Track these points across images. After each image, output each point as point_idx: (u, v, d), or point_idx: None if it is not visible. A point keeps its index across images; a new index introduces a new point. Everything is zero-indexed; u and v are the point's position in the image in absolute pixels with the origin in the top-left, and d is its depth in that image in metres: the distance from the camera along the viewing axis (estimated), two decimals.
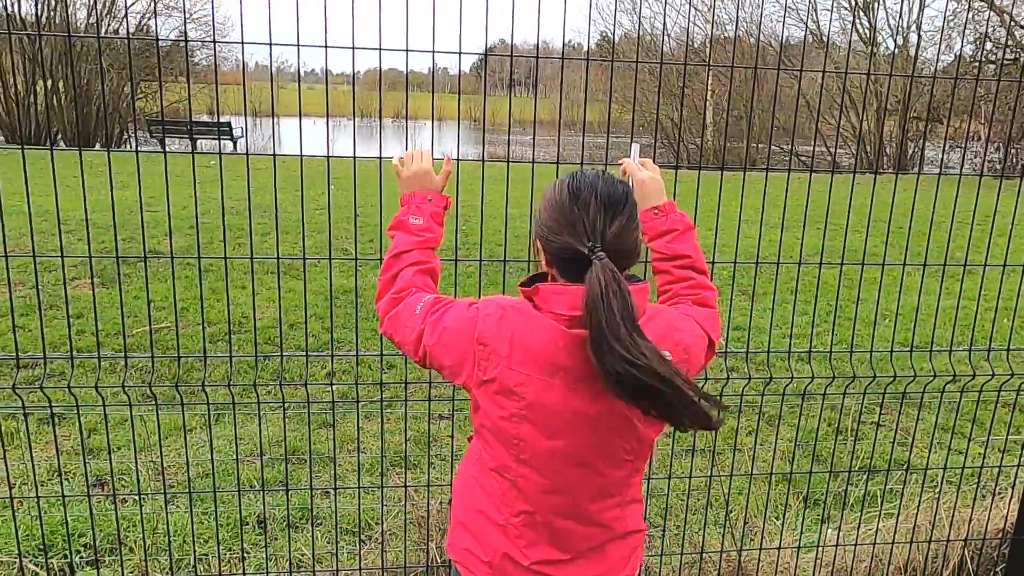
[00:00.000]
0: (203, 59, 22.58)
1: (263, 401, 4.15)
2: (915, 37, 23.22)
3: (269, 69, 2.13)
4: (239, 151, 19.75)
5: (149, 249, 7.75)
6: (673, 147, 23.67)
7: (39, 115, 22.20)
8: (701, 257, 1.65)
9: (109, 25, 22.94)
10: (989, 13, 20.45)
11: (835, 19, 24.12)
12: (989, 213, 2.62)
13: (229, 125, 19.30)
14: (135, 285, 6.50)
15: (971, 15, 20.47)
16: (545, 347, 1.31)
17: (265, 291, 6.51)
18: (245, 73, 2.63)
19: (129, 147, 23.40)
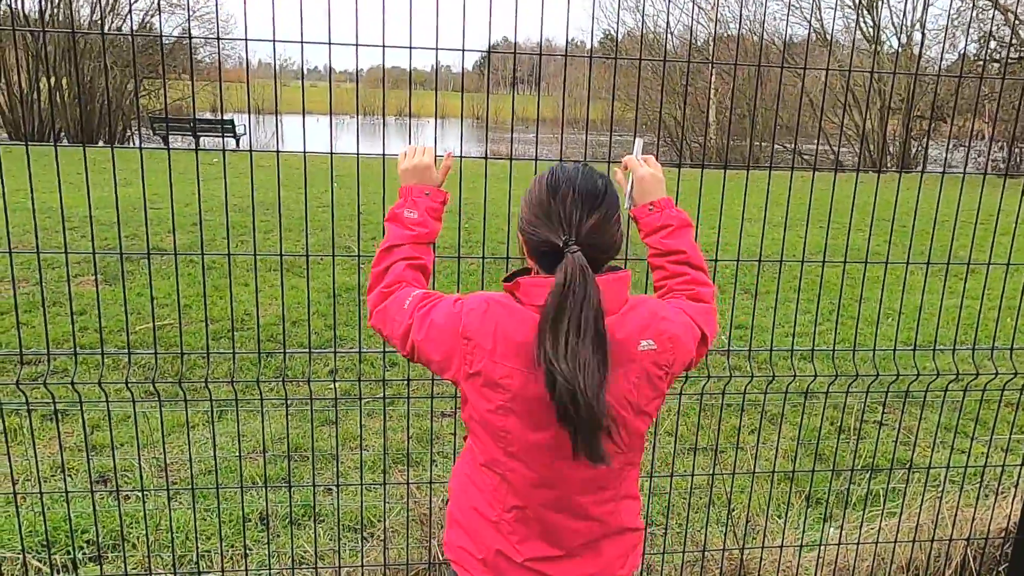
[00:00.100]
0: (206, 56, 22.63)
1: (266, 398, 4.15)
2: (919, 35, 23.17)
3: (272, 66, 2.14)
4: (242, 148, 19.76)
5: (152, 246, 7.76)
6: (676, 145, 23.65)
7: (43, 112, 22.24)
8: (697, 253, 1.66)
9: (112, 22, 22.97)
10: (993, 11, 20.39)
11: (839, 17, 24.08)
12: (993, 212, 2.62)
13: (232, 122, 19.31)
14: (138, 282, 6.51)
15: (975, 13, 20.41)
16: (528, 339, 1.32)
17: (268, 288, 6.51)
18: (248, 70, 2.63)
19: (132, 144, 23.44)
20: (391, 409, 4.27)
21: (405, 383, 2.40)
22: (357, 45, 1.97)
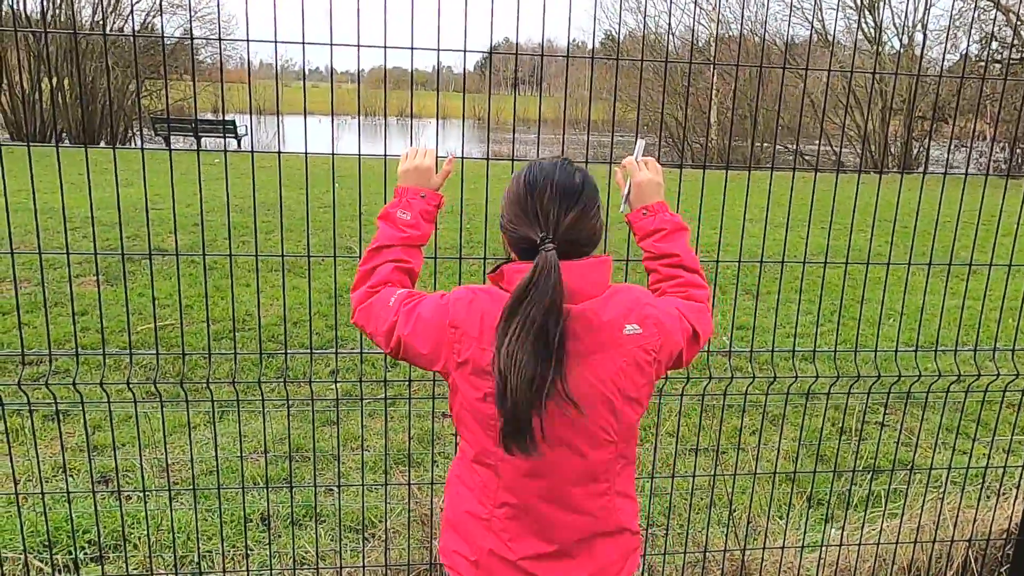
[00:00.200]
0: (208, 57, 22.65)
1: (267, 399, 4.15)
2: (920, 36, 23.15)
3: (274, 67, 2.14)
4: (243, 149, 19.78)
5: (154, 246, 7.76)
6: (677, 146, 23.64)
7: (44, 113, 22.27)
8: (691, 256, 1.67)
9: (114, 23, 23.00)
10: (995, 12, 20.38)
11: (840, 18, 24.06)
12: (994, 213, 2.62)
13: (234, 123, 19.33)
14: (140, 282, 6.52)
15: (977, 14, 20.41)
16: None
17: (269, 289, 6.52)
18: (250, 71, 2.63)
19: (134, 145, 23.44)
20: (392, 410, 4.27)
21: (406, 384, 2.40)
22: (359, 46, 1.97)
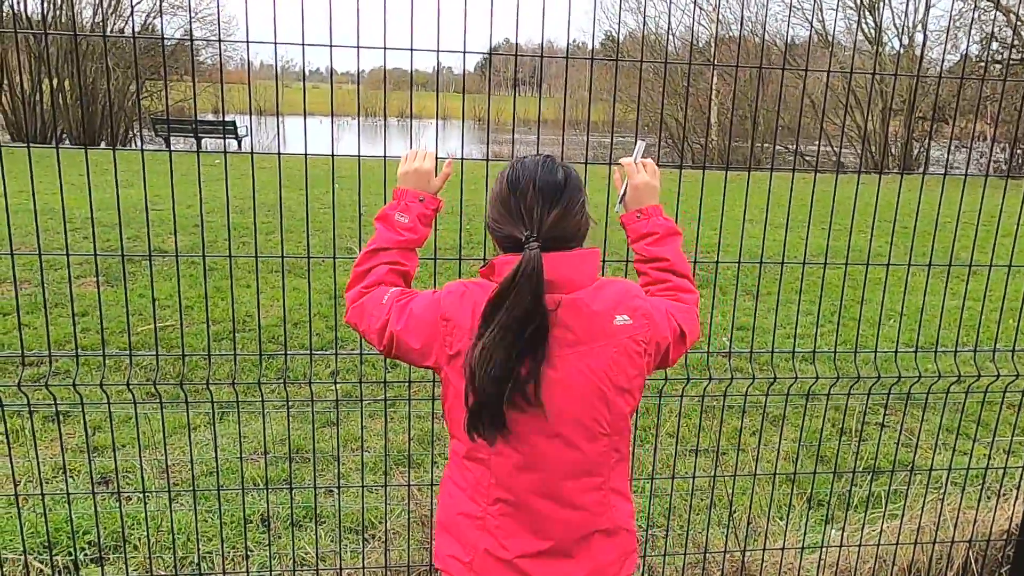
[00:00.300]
0: (208, 58, 22.64)
1: (267, 400, 4.15)
2: (921, 36, 23.16)
3: (274, 68, 2.14)
4: (244, 150, 19.78)
5: (154, 247, 7.76)
6: (677, 147, 23.65)
7: (45, 114, 22.27)
8: (682, 262, 1.68)
9: (115, 24, 23.01)
10: (995, 13, 20.38)
11: (840, 18, 24.07)
12: (994, 213, 2.61)
13: (234, 124, 19.33)
14: (140, 283, 6.52)
15: (977, 15, 20.41)
16: None
17: (269, 290, 6.52)
18: (250, 72, 2.63)
19: (134, 146, 23.46)
20: (392, 411, 4.27)
21: (406, 385, 2.40)
22: (358, 47, 1.97)
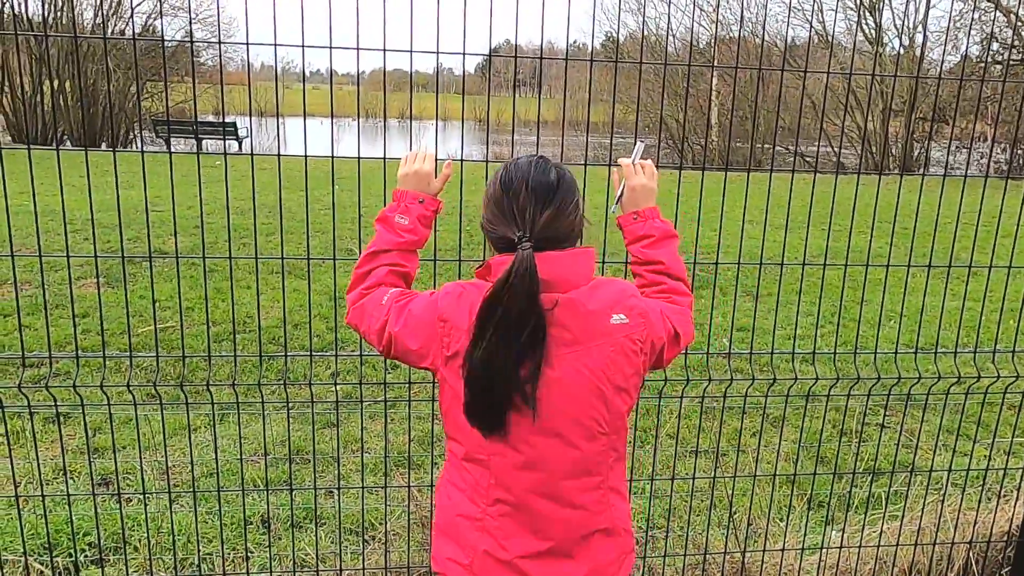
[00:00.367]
0: (208, 59, 22.64)
1: (267, 401, 4.15)
2: (921, 37, 23.16)
3: (274, 70, 2.14)
4: (244, 151, 19.78)
5: (154, 249, 7.77)
6: (677, 147, 23.65)
7: (45, 115, 22.28)
8: (677, 265, 1.68)
9: (115, 25, 23.02)
10: (996, 13, 20.39)
11: (840, 19, 24.06)
12: (995, 214, 2.62)
13: (234, 125, 19.31)
14: (140, 284, 6.52)
15: (977, 15, 20.41)
16: None
17: (269, 291, 6.52)
18: (250, 73, 2.64)
19: (135, 147, 23.47)
20: (392, 412, 4.27)
21: (407, 386, 2.40)
22: (358, 49, 1.97)
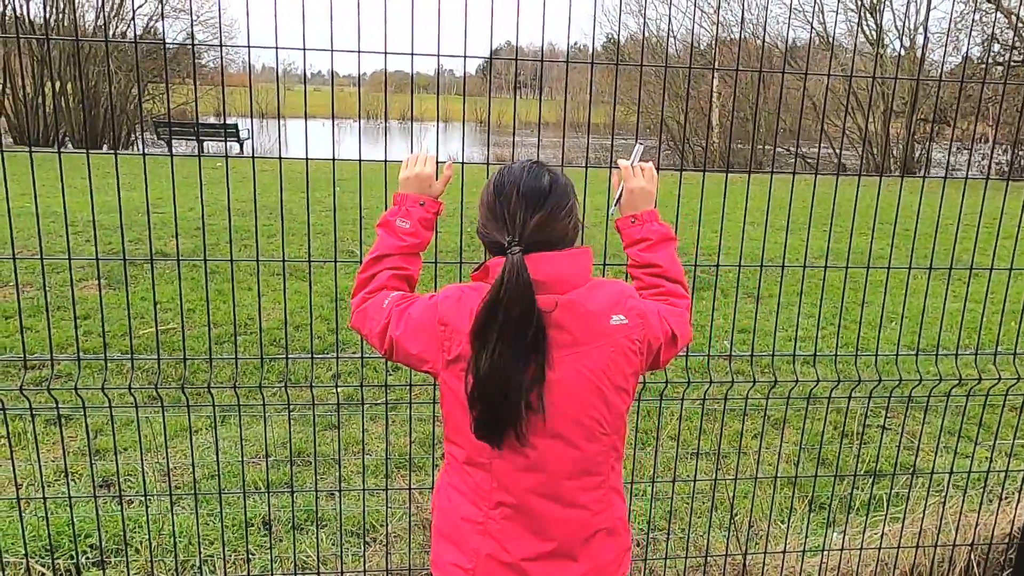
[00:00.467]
0: (210, 61, 22.68)
1: (268, 403, 4.15)
2: (922, 38, 23.15)
3: (275, 71, 2.14)
4: (246, 153, 19.80)
5: (156, 250, 7.78)
6: (678, 149, 23.66)
7: (47, 117, 22.32)
8: (675, 267, 1.69)
9: (117, 27, 23.06)
10: (996, 14, 20.38)
11: (841, 20, 24.07)
12: (996, 216, 2.61)
13: (236, 127, 19.33)
14: (142, 286, 6.52)
15: (978, 16, 20.41)
16: None
17: (271, 293, 6.52)
18: (252, 75, 2.64)
19: (136, 149, 23.49)
20: (394, 414, 4.27)
21: (408, 388, 2.40)
22: (359, 52, 1.98)
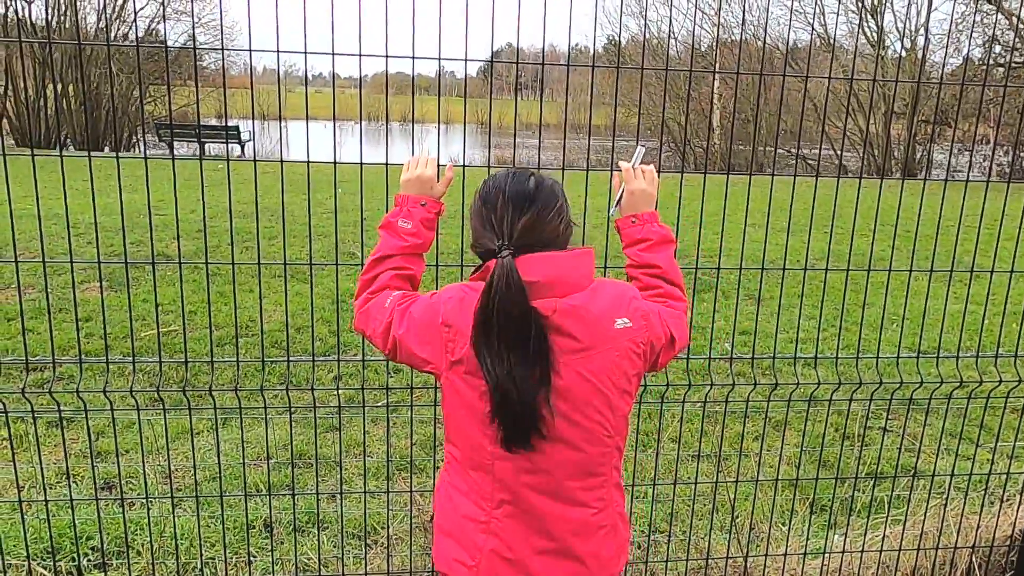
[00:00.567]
0: (211, 63, 22.71)
1: (270, 405, 4.16)
2: (923, 40, 23.15)
3: (277, 74, 2.15)
4: (247, 155, 19.81)
5: (157, 253, 7.78)
6: (679, 151, 23.66)
7: (49, 119, 22.35)
8: (674, 269, 1.69)
9: (118, 29, 23.09)
10: (997, 16, 20.38)
11: (842, 22, 24.07)
12: (997, 217, 2.61)
13: (237, 129, 19.35)
14: (143, 288, 6.53)
15: (979, 18, 20.41)
16: None
17: (272, 295, 6.53)
18: (253, 77, 2.64)
19: (138, 151, 23.53)
20: (395, 416, 4.27)
21: (409, 390, 2.40)
22: (360, 55, 1.98)
